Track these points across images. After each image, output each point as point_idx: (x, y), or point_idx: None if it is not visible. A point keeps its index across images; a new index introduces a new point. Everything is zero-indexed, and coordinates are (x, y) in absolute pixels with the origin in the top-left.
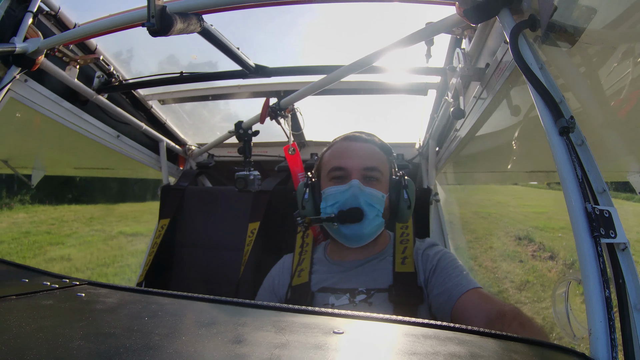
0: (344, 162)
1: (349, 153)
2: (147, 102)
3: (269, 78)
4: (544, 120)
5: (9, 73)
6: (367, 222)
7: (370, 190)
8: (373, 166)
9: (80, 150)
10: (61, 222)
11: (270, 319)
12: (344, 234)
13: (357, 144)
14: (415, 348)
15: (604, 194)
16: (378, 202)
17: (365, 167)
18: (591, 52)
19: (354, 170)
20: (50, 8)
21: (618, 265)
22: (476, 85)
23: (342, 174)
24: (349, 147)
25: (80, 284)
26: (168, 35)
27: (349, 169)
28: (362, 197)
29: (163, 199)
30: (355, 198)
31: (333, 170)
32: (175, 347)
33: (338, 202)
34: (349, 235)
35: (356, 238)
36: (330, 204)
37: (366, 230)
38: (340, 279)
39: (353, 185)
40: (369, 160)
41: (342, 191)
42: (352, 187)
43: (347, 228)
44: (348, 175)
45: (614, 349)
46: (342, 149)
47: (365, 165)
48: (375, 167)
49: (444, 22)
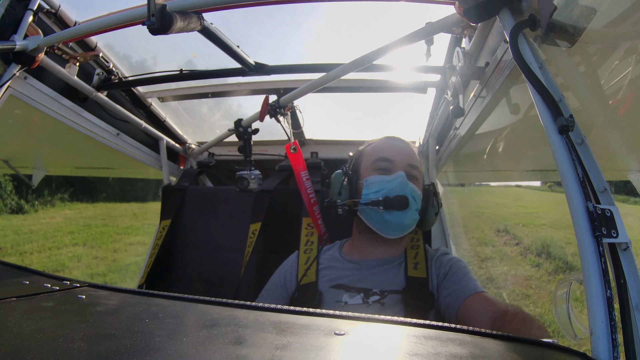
0: (391, 155)
1: (395, 148)
2: (146, 99)
3: (268, 76)
4: (543, 119)
5: (8, 70)
6: (410, 212)
7: (413, 186)
8: (416, 164)
9: (80, 149)
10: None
11: (271, 320)
12: (386, 220)
13: (402, 144)
14: (416, 349)
15: (605, 193)
16: (418, 198)
17: (410, 163)
18: (591, 51)
19: (400, 164)
20: (50, 6)
21: (619, 266)
22: (476, 84)
23: (388, 166)
24: (395, 144)
25: (80, 285)
26: (168, 34)
27: (395, 161)
28: (409, 188)
29: (164, 200)
30: (403, 187)
31: (379, 161)
32: (176, 348)
33: (384, 190)
34: (390, 223)
35: (396, 226)
36: (374, 190)
37: (407, 220)
38: (356, 277)
39: (401, 175)
40: (413, 158)
41: (388, 180)
42: (400, 177)
43: (391, 214)
44: (393, 168)
45: (615, 349)
46: (388, 144)
47: (410, 162)
48: (418, 166)
49: (444, 22)
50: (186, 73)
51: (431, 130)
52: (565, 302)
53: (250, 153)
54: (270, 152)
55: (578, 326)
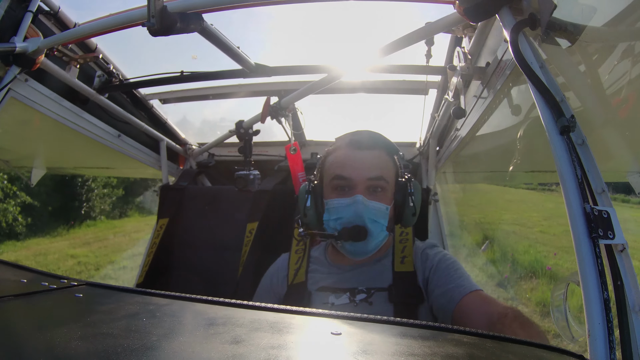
0: (348, 172)
1: (353, 162)
2: (147, 101)
3: (269, 77)
4: (544, 120)
5: (9, 73)
6: (371, 239)
7: (375, 205)
8: (378, 175)
9: (81, 149)
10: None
11: (267, 319)
12: (348, 249)
13: (362, 153)
14: (412, 349)
15: (603, 195)
16: (382, 216)
17: (369, 177)
18: (591, 50)
19: (358, 182)
20: (50, 8)
21: (616, 267)
22: (477, 84)
23: (346, 184)
24: (353, 156)
25: (78, 284)
26: (168, 35)
27: (353, 179)
28: (367, 214)
29: (162, 199)
30: (359, 216)
31: (336, 179)
32: (173, 347)
33: (342, 218)
34: (352, 251)
35: (360, 253)
36: (333, 217)
37: (370, 247)
38: (340, 279)
39: (357, 201)
40: (374, 170)
41: (345, 205)
42: (356, 203)
43: (351, 245)
44: (352, 186)
45: (613, 351)
46: (346, 157)
47: (370, 175)
48: (381, 176)
49: (444, 21)
50: (187, 75)
51: (432, 131)
52: (562, 303)
53: (250, 154)
54: (270, 153)
55: (575, 328)
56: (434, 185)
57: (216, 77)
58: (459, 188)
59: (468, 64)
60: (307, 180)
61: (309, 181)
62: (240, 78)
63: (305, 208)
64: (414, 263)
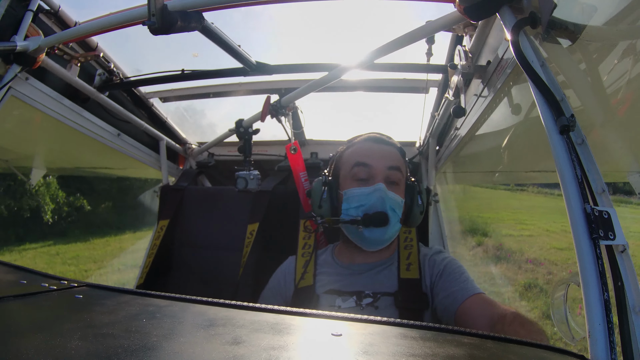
0: (369, 159)
1: (373, 152)
2: (147, 100)
3: (270, 76)
4: (544, 119)
5: (10, 71)
6: (390, 227)
7: (393, 195)
8: (397, 165)
9: (81, 149)
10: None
11: (268, 321)
12: (366, 237)
13: (380, 146)
14: (413, 350)
15: (604, 195)
16: (399, 207)
17: (389, 166)
18: (592, 49)
19: (379, 170)
20: (50, 6)
21: (617, 268)
22: (477, 83)
23: (366, 174)
24: (373, 147)
25: (78, 285)
26: (169, 34)
27: (373, 167)
28: (388, 202)
29: (162, 200)
30: (382, 202)
31: (357, 166)
32: (173, 348)
33: (363, 205)
34: (370, 239)
35: (376, 242)
36: (354, 205)
37: (387, 235)
38: (348, 282)
39: (379, 188)
40: (393, 161)
41: (367, 194)
42: (379, 191)
43: (370, 232)
44: (372, 175)
45: (613, 351)
46: (366, 147)
47: (389, 164)
48: (398, 167)
49: (444, 20)
50: (187, 73)
51: (432, 131)
52: (562, 304)
53: (250, 153)
54: (270, 153)
55: (576, 328)
56: (434, 185)
57: (217, 75)
58: (460, 188)
59: (469, 62)
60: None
61: (324, 176)
62: (241, 76)
63: (322, 200)
64: (421, 269)
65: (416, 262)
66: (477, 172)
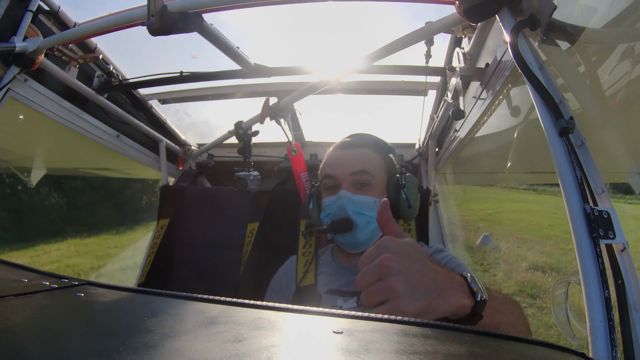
0: (332, 170)
1: (338, 161)
2: (147, 101)
3: (268, 78)
4: (543, 121)
5: (8, 72)
6: (358, 230)
7: (360, 198)
8: (361, 169)
9: (80, 150)
10: None
11: (269, 318)
12: (340, 242)
13: (347, 151)
14: (414, 347)
15: (603, 195)
16: (369, 208)
17: (353, 172)
18: (591, 51)
19: (343, 178)
20: (49, 7)
21: (617, 266)
22: (476, 85)
23: (333, 183)
24: (338, 155)
25: (79, 284)
26: (168, 35)
27: (338, 177)
28: (351, 207)
29: (162, 199)
30: (342, 209)
31: (325, 179)
32: (174, 345)
33: (330, 213)
34: (344, 243)
35: (353, 245)
36: (326, 214)
37: (360, 238)
38: (348, 281)
39: (341, 196)
40: (357, 165)
41: (332, 202)
42: (340, 198)
43: (342, 237)
44: (338, 184)
45: (614, 349)
46: (333, 157)
47: (353, 170)
48: (364, 170)
49: (443, 21)
50: (186, 75)
51: (431, 132)
52: (563, 302)
53: (249, 154)
54: (270, 154)
55: (577, 326)
56: (434, 186)
57: (215, 77)
58: (459, 189)
59: (467, 64)
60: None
61: (312, 187)
62: (240, 78)
63: (309, 210)
64: None
65: None
66: (477, 173)
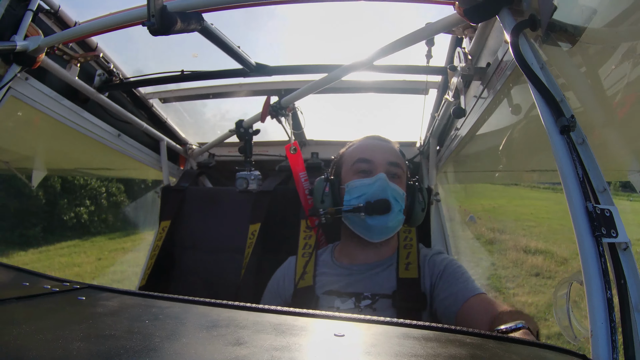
0: (370, 155)
1: (374, 148)
2: (147, 100)
3: (269, 77)
4: (544, 119)
5: (9, 71)
6: (393, 214)
7: (395, 186)
8: (397, 162)
9: (81, 149)
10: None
11: (270, 321)
12: (369, 225)
13: (381, 142)
14: (416, 350)
15: (605, 193)
16: (401, 198)
17: (390, 161)
18: (592, 51)
19: (380, 164)
20: (50, 6)
21: (620, 266)
22: (477, 84)
23: (368, 167)
24: (374, 144)
25: (81, 287)
26: (168, 34)
27: (375, 162)
28: (390, 191)
29: (164, 201)
30: (383, 190)
31: (358, 162)
32: (175, 349)
33: (365, 194)
34: (373, 227)
35: (380, 230)
36: (355, 196)
37: (391, 223)
38: (347, 282)
39: (380, 178)
40: (394, 156)
41: (369, 184)
42: (380, 180)
43: (374, 219)
44: (373, 169)
45: (615, 351)
46: (367, 144)
47: (390, 159)
48: (399, 163)
49: (444, 22)
50: (187, 74)
51: (432, 131)
52: (565, 303)
53: (250, 154)
54: (271, 153)
55: (578, 327)
56: (435, 185)
57: (216, 76)
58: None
59: (468, 64)
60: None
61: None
62: (241, 77)
63: (324, 195)
64: (421, 269)
65: (415, 261)
66: (478, 172)
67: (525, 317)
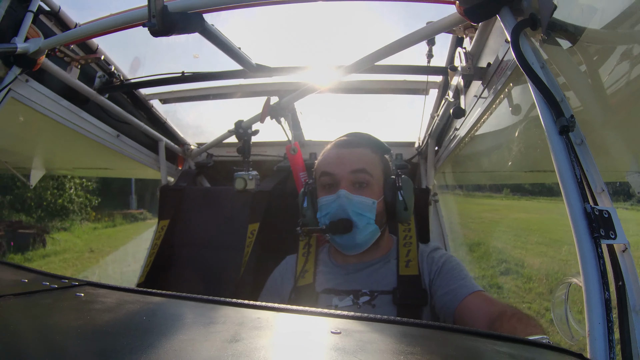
0: (332, 168)
1: (337, 158)
2: (147, 101)
3: (269, 77)
4: (544, 119)
5: (10, 73)
6: (357, 231)
7: (359, 199)
8: (361, 168)
9: (80, 150)
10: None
11: (267, 318)
12: (338, 243)
13: (346, 150)
14: (412, 348)
15: (603, 194)
16: (368, 209)
17: (352, 170)
18: (592, 51)
19: (342, 176)
20: (50, 8)
21: (618, 267)
22: (477, 84)
23: (331, 180)
24: (337, 153)
25: (79, 284)
26: (169, 35)
27: (336, 175)
28: (350, 207)
29: (162, 200)
30: (343, 209)
31: (322, 176)
32: (173, 345)
33: (329, 213)
34: (343, 245)
35: (350, 247)
36: (323, 214)
37: (358, 239)
38: (344, 281)
39: (341, 195)
40: (356, 164)
41: (331, 201)
42: (340, 198)
43: (340, 238)
44: (336, 182)
45: (612, 350)
46: (331, 155)
47: (352, 168)
48: (364, 169)
49: (445, 21)
50: (187, 75)
51: (431, 131)
52: (563, 303)
53: (249, 154)
54: (269, 153)
55: (576, 327)
56: (433, 185)
57: (217, 77)
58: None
59: (469, 64)
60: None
61: (305, 184)
62: (241, 78)
63: (303, 209)
64: (420, 266)
65: (415, 258)
66: (476, 172)
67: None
